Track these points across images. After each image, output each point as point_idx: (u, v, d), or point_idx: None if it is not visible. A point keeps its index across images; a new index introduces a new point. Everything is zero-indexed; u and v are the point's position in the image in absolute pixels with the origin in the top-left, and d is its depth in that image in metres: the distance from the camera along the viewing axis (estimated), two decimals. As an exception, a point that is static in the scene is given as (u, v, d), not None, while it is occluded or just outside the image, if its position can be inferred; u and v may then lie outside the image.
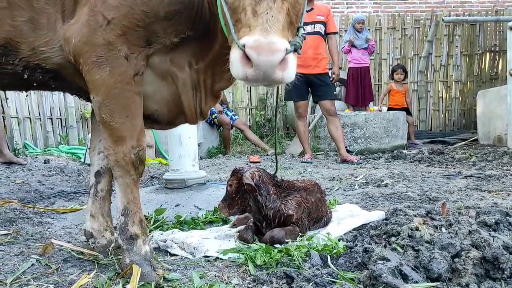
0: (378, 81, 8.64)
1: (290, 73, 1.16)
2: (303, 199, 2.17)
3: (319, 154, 5.92)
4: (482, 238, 1.50)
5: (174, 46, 1.57)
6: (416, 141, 7.14)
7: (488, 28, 8.59)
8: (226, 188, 2.11)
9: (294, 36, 1.23)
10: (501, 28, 8.25)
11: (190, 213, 2.54)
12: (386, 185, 3.21)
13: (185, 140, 2.97)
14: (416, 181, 3.34)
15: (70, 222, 2.53)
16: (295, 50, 1.14)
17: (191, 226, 2.38)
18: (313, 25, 4.98)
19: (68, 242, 1.98)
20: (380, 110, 7.40)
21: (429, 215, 2.13)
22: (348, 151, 5.80)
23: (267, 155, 6.07)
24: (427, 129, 8.58)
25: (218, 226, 2.38)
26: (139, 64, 1.52)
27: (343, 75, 8.02)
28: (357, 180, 3.45)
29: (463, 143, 6.67)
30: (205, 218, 2.48)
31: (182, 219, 2.44)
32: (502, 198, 2.62)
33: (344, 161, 4.96)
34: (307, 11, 4.96)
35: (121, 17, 1.43)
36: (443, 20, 8.18)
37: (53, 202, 3.22)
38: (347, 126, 6.13)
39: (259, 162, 5.22)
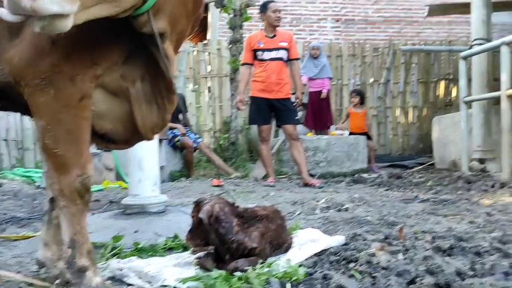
0: (340, 106, 8.85)
1: (42, 2, 1.03)
2: (266, 229, 2.17)
3: (282, 178, 5.96)
4: (436, 264, 1.55)
5: (124, 61, 1.53)
6: (375, 166, 7.26)
7: (443, 58, 9.01)
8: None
9: None
10: (454, 57, 8.65)
11: (149, 239, 2.49)
12: (346, 210, 3.25)
13: (146, 164, 2.92)
14: (376, 205, 3.40)
15: (22, 250, 2.42)
16: None
17: (150, 253, 2.32)
18: (276, 51, 5.08)
19: (18, 272, 1.89)
20: (342, 134, 7.56)
21: (387, 240, 2.17)
22: (310, 175, 5.87)
23: (230, 178, 6.05)
24: (387, 153, 8.82)
25: (178, 253, 2.34)
26: (86, 86, 1.45)
27: (305, 99, 8.16)
28: (319, 205, 3.48)
29: (421, 167, 6.88)
30: (165, 244, 2.43)
31: (140, 246, 2.38)
32: (457, 222, 2.70)
33: (306, 184, 5.01)
34: (270, 38, 5.09)
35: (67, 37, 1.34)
36: (400, 49, 8.52)
37: (5, 228, 3.07)
38: (309, 149, 6.21)
39: (221, 185, 5.19)
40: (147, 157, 2.92)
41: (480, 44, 5.69)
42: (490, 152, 5.62)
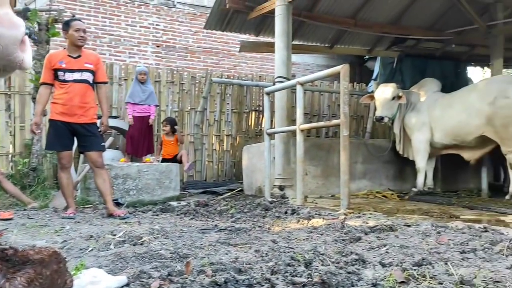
0: (157, 132, 8.77)
1: (30, 58, 1.04)
2: (37, 275, 1.91)
3: (87, 207, 5.54)
4: (200, 304, 1.54)
5: None
6: (190, 166, 7.73)
7: (254, 90, 9.71)
8: None
9: None
10: (263, 91, 9.42)
11: None
12: (142, 243, 3.14)
13: None
14: (174, 237, 3.36)
15: None
16: (29, 36, 1.04)
17: None
18: (80, 73, 4.74)
19: None
20: (158, 161, 7.51)
21: (170, 276, 2.13)
22: (119, 204, 5.61)
23: (25, 209, 5.38)
24: (202, 179, 9.01)
25: None
26: None
27: (123, 124, 7.97)
28: (115, 239, 3.29)
29: (230, 193, 7.19)
30: None
31: None
32: (244, 252, 2.81)
33: (110, 215, 4.74)
34: (74, 58, 4.75)
35: None
36: (211, 80, 8.92)
37: None
38: (119, 177, 5.94)
39: (11, 218, 4.56)
40: None
41: (281, 81, 6.29)
42: (289, 180, 6.18)
